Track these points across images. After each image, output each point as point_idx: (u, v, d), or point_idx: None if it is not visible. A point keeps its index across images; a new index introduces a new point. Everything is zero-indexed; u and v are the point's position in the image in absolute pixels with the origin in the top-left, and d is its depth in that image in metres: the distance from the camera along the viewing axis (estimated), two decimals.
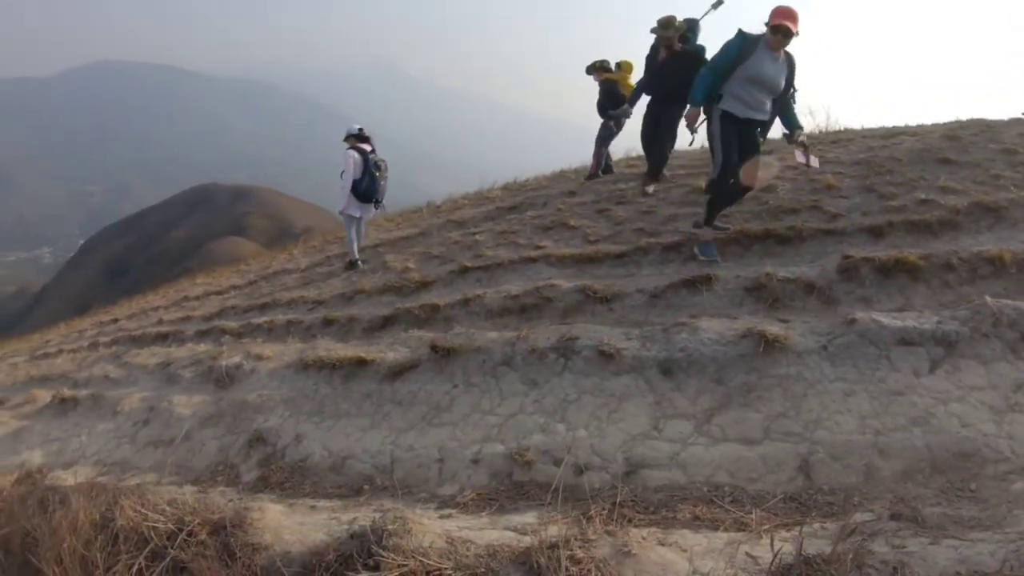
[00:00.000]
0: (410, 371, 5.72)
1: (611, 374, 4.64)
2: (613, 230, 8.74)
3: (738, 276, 5.87)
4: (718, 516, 3.23)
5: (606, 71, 13.17)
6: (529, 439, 4.48)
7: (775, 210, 7.92)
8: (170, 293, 21.23)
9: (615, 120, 12.87)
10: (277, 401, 6.38)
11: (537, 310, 6.61)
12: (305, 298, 10.35)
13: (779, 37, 6.57)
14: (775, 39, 6.61)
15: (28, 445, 8.31)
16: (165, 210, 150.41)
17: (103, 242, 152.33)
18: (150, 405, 7.65)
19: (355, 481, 4.96)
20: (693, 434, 4.02)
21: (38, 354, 16.33)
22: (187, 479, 5.87)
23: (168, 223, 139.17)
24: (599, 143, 13.65)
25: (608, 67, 13.25)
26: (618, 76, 13.11)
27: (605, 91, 13.15)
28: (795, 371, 4.17)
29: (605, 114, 13.10)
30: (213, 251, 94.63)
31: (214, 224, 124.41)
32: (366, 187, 11.39)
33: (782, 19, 6.52)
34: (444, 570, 2.60)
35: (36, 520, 4.29)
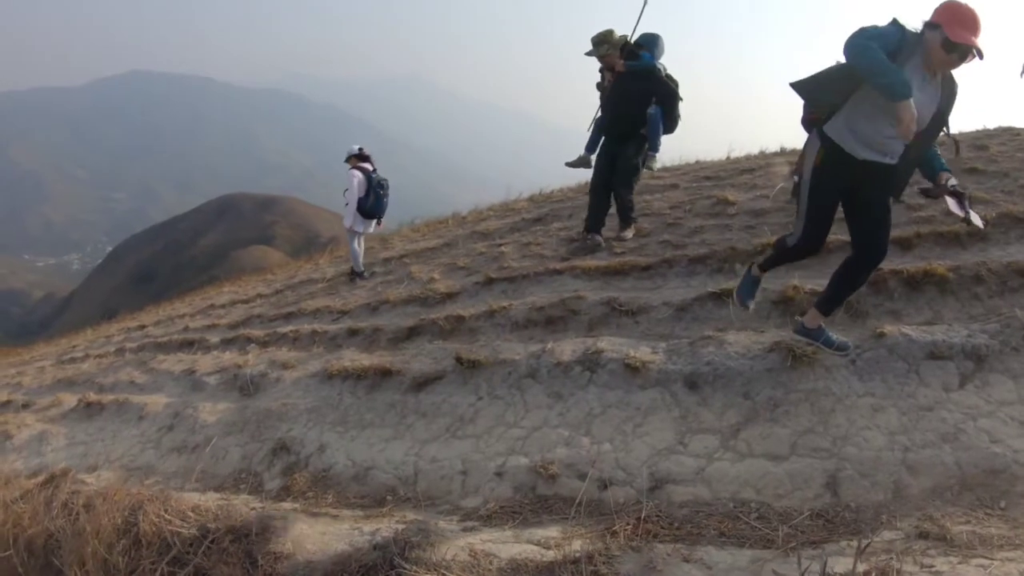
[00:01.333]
0: (434, 382, 5.72)
1: (637, 387, 4.62)
2: (639, 242, 8.69)
3: (765, 289, 5.81)
4: (744, 533, 3.20)
5: None
6: (553, 452, 4.47)
7: None
8: (196, 300, 21.34)
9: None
10: (301, 410, 6.40)
11: (562, 322, 6.58)
12: (330, 308, 10.38)
13: (953, 57, 4.01)
14: (945, 57, 4.03)
15: (53, 448, 8.40)
16: (192, 218, 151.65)
17: (131, 249, 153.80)
18: (175, 411, 7.70)
19: (378, 492, 4.95)
20: (719, 449, 3.99)
21: (65, 358, 16.47)
22: (210, 486, 5.89)
23: (195, 231, 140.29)
24: None
25: None
26: None
27: None
28: (823, 385, 4.14)
29: None
30: (239, 259, 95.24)
31: (240, 232, 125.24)
32: (371, 204, 11.83)
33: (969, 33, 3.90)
34: None
35: (60, 522, 4.34)
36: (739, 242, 7.42)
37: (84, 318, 60.93)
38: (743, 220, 8.48)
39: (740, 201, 9.37)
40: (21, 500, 5.12)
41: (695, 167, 14.91)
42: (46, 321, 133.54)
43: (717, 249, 7.34)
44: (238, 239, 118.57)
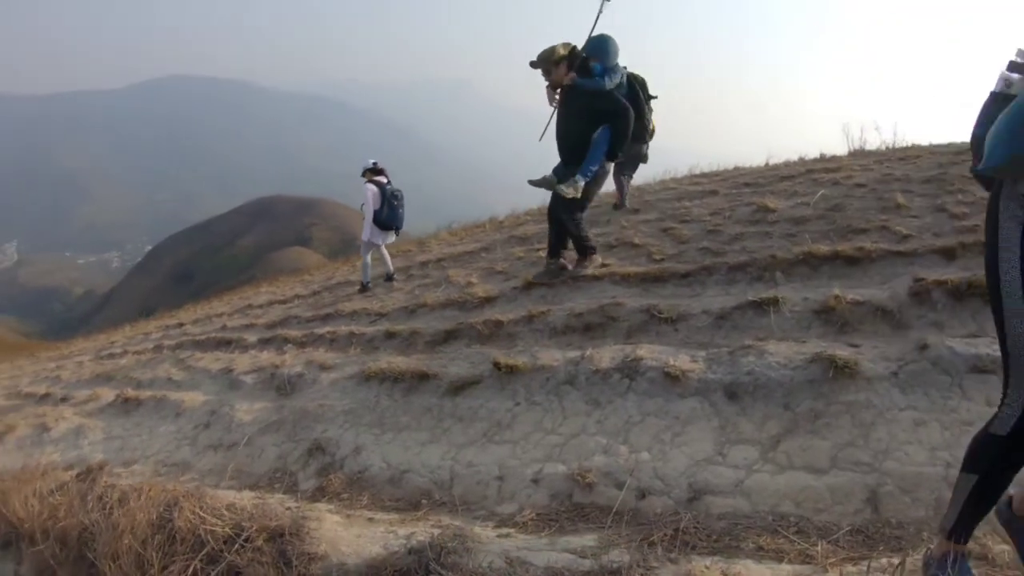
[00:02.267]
0: (472, 387, 5.73)
1: (676, 396, 4.58)
2: (678, 249, 8.64)
3: (806, 298, 5.75)
4: (783, 547, 3.16)
5: None
6: (591, 460, 4.44)
7: (844, 230, 7.74)
8: (234, 300, 21.51)
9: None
10: (338, 411, 6.45)
11: (601, 329, 6.55)
12: (367, 310, 10.41)
13: None
14: None
15: (90, 441, 8.52)
16: (231, 219, 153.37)
17: (170, 249, 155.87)
18: (211, 409, 7.80)
19: (413, 495, 4.96)
20: (758, 461, 3.94)
21: (103, 354, 16.68)
22: (245, 484, 5.95)
23: (234, 232, 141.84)
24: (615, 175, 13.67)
25: None
26: None
27: None
28: (864, 398, 4.06)
29: None
30: (277, 260, 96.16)
31: (278, 234, 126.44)
32: (386, 216, 12.16)
33: None
34: None
35: (94, 515, 4.37)
36: (780, 250, 7.33)
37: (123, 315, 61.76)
38: (784, 228, 8.40)
39: (780, 208, 9.29)
40: (57, 492, 5.18)
41: (733, 173, 14.83)
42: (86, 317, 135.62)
43: (757, 257, 7.26)
44: (276, 240, 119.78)
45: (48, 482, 5.55)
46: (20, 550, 5.17)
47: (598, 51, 7.59)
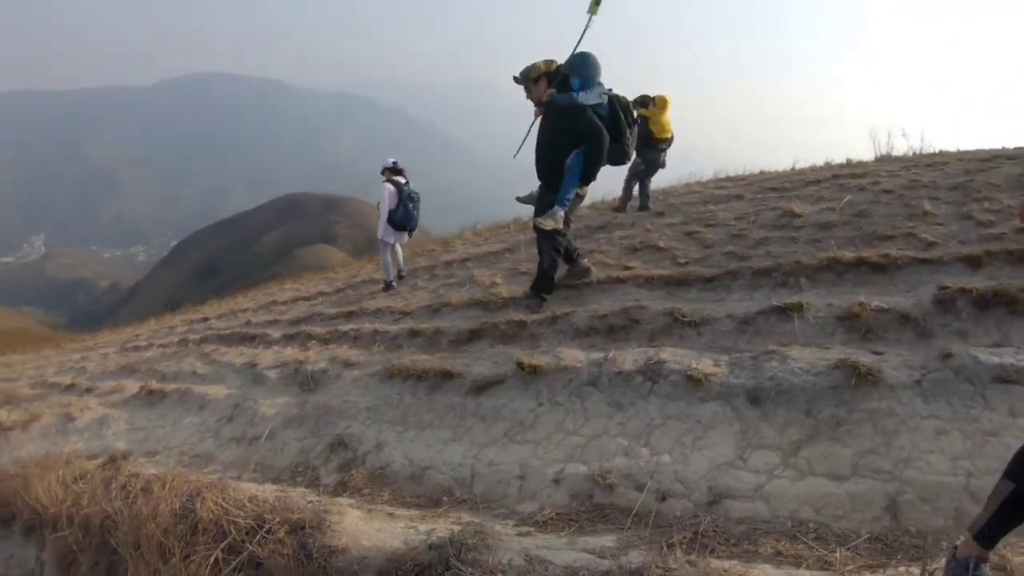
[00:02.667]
0: (495, 386, 5.76)
1: (698, 400, 4.58)
2: (703, 253, 8.63)
3: (830, 304, 5.72)
4: (801, 553, 3.16)
5: (643, 106, 13.07)
6: (612, 462, 4.46)
7: (869, 236, 7.72)
8: (259, 296, 21.64)
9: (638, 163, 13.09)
10: (360, 408, 6.50)
11: (624, 331, 6.55)
12: (391, 308, 10.45)
13: None
14: None
15: (114, 432, 8.63)
16: (257, 216, 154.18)
17: (196, 244, 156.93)
18: (235, 402, 7.89)
19: (434, 492, 5.00)
20: (779, 466, 3.94)
21: (129, 346, 16.83)
22: (267, 477, 6.02)
23: (260, 228, 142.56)
24: (627, 179, 13.90)
25: (646, 102, 13.16)
26: (650, 113, 13.04)
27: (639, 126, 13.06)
28: (887, 406, 4.04)
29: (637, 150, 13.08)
30: (302, 257, 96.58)
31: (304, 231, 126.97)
32: (400, 216, 12.36)
33: None
34: None
35: (117, 504, 4.44)
36: (805, 255, 7.31)
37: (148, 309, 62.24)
38: (809, 233, 8.37)
39: (806, 213, 9.26)
40: (80, 480, 5.27)
41: (759, 177, 14.79)
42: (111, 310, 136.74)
43: (782, 262, 7.24)
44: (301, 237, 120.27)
45: (72, 470, 5.64)
46: (43, 536, 5.27)
47: (578, 68, 7.44)
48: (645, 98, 13.18)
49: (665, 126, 13.12)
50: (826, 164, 14.97)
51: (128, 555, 3.82)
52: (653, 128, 12.98)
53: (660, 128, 13.03)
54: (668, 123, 13.16)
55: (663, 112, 13.04)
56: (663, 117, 13.05)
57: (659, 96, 13.10)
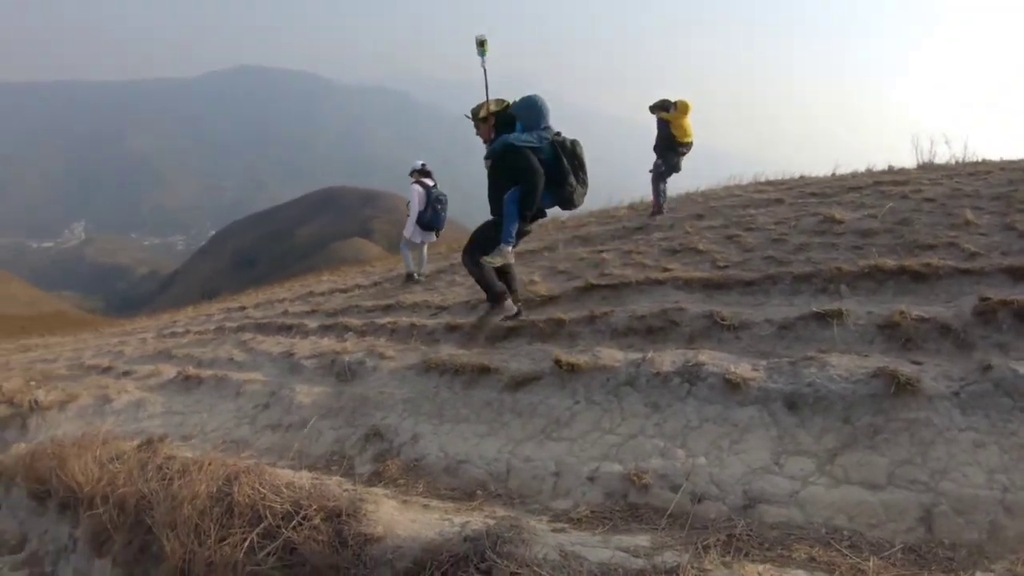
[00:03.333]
0: (532, 383, 5.77)
1: (735, 404, 4.57)
2: (742, 256, 8.62)
3: (870, 312, 5.69)
4: (834, 560, 3.14)
5: (664, 110, 13.25)
6: (648, 462, 4.46)
7: (911, 245, 7.66)
8: (296, 287, 21.79)
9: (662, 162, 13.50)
10: (397, 400, 6.56)
11: (663, 333, 6.56)
12: (429, 303, 10.52)
13: None
14: None
15: (150, 415, 8.78)
16: (295, 208, 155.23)
17: (234, 234, 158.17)
18: (271, 391, 7.97)
19: (469, 485, 5.03)
20: (815, 473, 3.93)
21: (166, 332, 17.05)
22: (303, 465, 6.06)
23: (297, 220, 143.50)
24: (653, 181, 14.07)
25: (667, 106, 13.29)
26: (671, 117, 13.18)
27: (658, 130, 13.40)
28: (924, 416, 4.00)
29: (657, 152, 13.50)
30: (338, 250, 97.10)
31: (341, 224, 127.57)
32: (429, 218, 12.69)
33: None
34: None
35: (153, 485, 4.50)
36: (845, 262, 7.27)
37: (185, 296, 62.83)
38: (850, 240, 8.33)
39: (847, 220, 9.22)
40: (116, 460, 5.35)
41: (800, 182, 14.72)
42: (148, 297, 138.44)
43: (822, 268, 7.21)
44: (338, 231, 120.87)
45: (108, 450, 5.74)
46: (77, 513, 5.36)
47: (521, 110, 7.58)
48: (666, 102, 13.33)
49: (686, 130, 13.28)
50: (868, 170, 14.86)
51: (163, 535, 3.87)
52: (675, 132, 13.20)
53: (681, 132, 13.22)
54: (689, 127, 13.31)
55: (684, 116, 13.19)
56: (684, 121, 13.20)
57: (680, 101, 13.20)
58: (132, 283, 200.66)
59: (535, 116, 7.45)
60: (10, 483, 6.90)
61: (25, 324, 57.06)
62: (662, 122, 13.37)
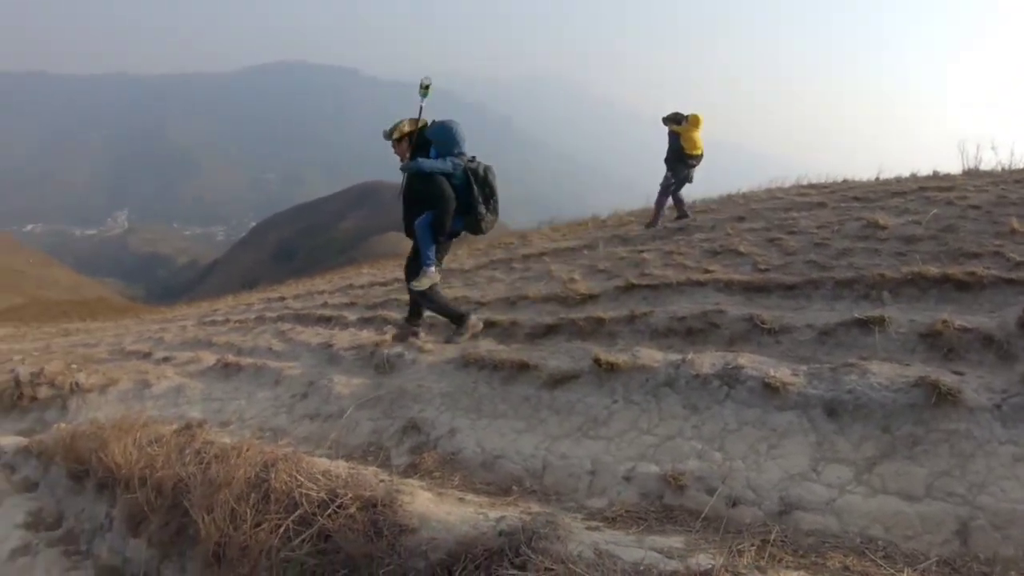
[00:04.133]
0: (570, 381, 5.78)
1: (774, 408, 4.55)
2: (784, 260, 8.59)
3: (912, 320, 5.64)
4: (868, 570, 3.10)
5: (676, 123, 13.52)
6: (685, 464, 4.46)
7: (955, 253, 7.58)
8: (335, 279, 21.94)
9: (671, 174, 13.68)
10: (435, 393, 6.59)
11: (703, 334, 6.56)
12: (468, 298, 10.56)
13: None
14: None
15: (189, 400, 8.90)
16: (335, 202, 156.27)
17: (274, 226, 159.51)
18: (310, 380, 8.05)
19: (504, 480, 5.07)
20: (852, 481, 3.90)
21: (206, 320, 17.26)
22: (340, 454, 6.07)
23: (336, 214, 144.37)
24: (660, 193, 14.23)
25: (679, 119, 13.57)
26: (682, 129, 13.43)
27: (669, 143, 13.66)
28: (964, 428, 3.93)
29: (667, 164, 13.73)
30: (376, 244, 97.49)
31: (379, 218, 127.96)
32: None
33: None
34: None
35: (191, 469, 4.55)
36: (888, 268, 7.22)
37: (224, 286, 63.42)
38: (893, 246, 8.26)
39: (891, 225, 9.13)
40: (155, 443, 5.42)
41: (843, 186, 14.59)
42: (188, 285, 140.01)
43: (865, 274, 7.15)
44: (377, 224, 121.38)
45: (148, 433, 5.81)
46: (114, 494, 5.44)
47: (435, 135, 7.70)
48: (678, 115, 13.61)
49: (696, 143, 13.51)
50: (912, 175, 14.69)
51: (199, 518, 3.91)
52: (684, 144, 13.45)
53: (691, 144, 13.46)
54: (699, 140, 13.55)
55: (695, 129, 13.46)
56: (694, 134, 13.45)
57: (692, 115, 13.50)
58: (173, 271, 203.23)
59: (449, 142, 7.60)
60: (49, 462, 7.02)
61: (67, 309, 57.90)
62: (673, 135, 13.66)
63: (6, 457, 7.99)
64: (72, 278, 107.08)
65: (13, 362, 16.38)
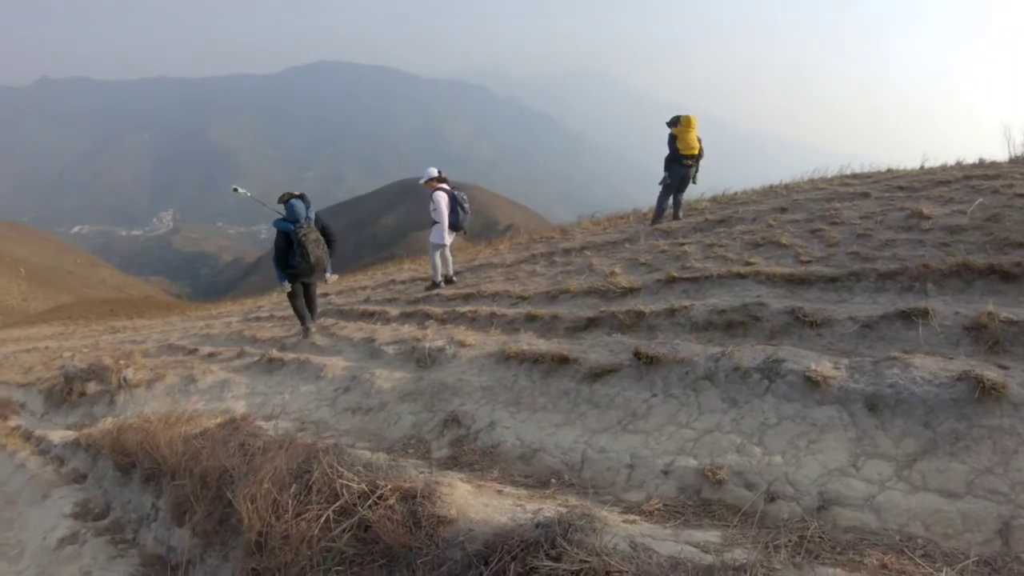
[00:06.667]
0: (610, 374, 5.79)
1: (814, 402, 4.50)
2: (826, 252, 8.50)
3: (957, 313, 5.53)
4: (906, 569, 3.03)
5: (671, 125, 14.02)
6: (723, 458, 4.44)
7: (1001, 243, 7.41)
8: (377, 275, 22.05)
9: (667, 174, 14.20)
10: (475, 387, 6.65)
11: (743, 328, 6.53)
12: (509, 292, 10.58)
13: None
14: None
15: (233, 395, 9.06)
16: (375, 199, 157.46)
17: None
18: (352, 375, 8.16)
19: (543, 473, 5.08)
20: (892, 478, 3.84)
21: (251, 316, 17.47)
22: (380, 447, 6.19)
23: (377, 211, 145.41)
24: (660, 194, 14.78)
25: (676, 121, 14.05)
26: (676, 131, 13.88)
27: (668, 144, 14.05)
28: (1008, 424, 3.85)
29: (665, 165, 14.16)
30: (417, 240, 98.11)
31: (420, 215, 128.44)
32: (459, 220, 12.86)
33: None
34: (625, 574, 2.62)
35: (235, 460, 4.63)
36: (932, 259, 7.09)
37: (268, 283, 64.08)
38: (937, 236, 8.13)
39: (935, 215, 9.00)
40: (201, 436, 5.53)
41: (887, 176, 14.40)
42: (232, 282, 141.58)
43: (908, 265, 7.04)
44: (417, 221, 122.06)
45: (193, 427, 5.95)
46: (160, 485, 5.56)
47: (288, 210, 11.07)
48: (676, 118, 14.07)
49: (691, 143, 13.89)
50: (957, 164, 14.45)
51: (242, 508, 3.97)
52: (679, 145, 13.85)
53: (686, 145, 13.84)
54: (694, 140, 13.92)
55: (689, 130, 13.85)
56: (689, 135, 13.83)
57: (685, 116, 13.96)
58: (216, 270, 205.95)
59: (293, 215, 10.94)
60: (97, 455, 7.19)
61: (114, 307, 58.87)
62: (670, 136, 14.03)
63: (56, 450, 8.19)
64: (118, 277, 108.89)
65: (63, 359, 16.74)
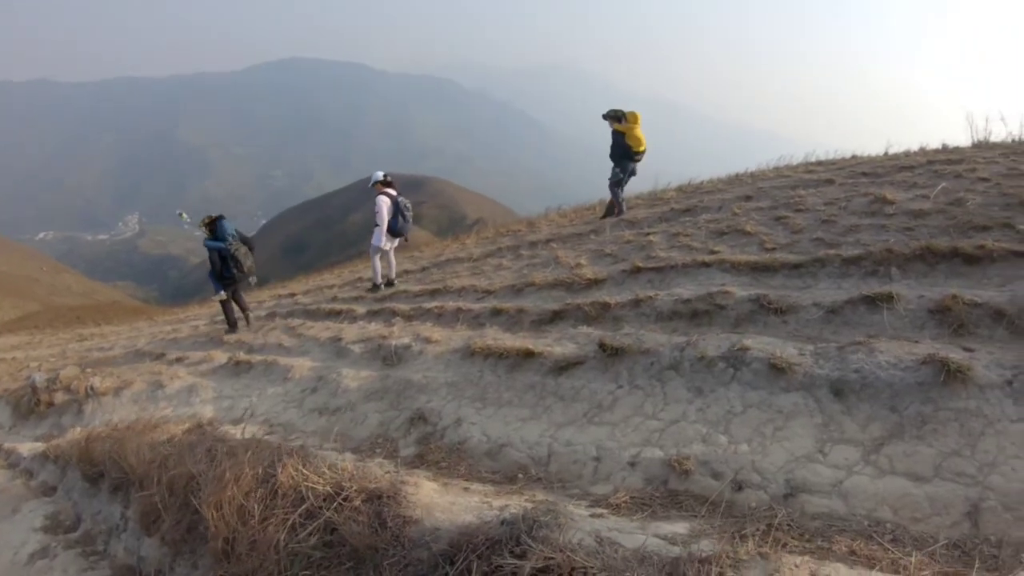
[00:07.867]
0: (575, 367, 5.78)
1: (780, 390, 4.49)
2: (790, 239, 8.51)
3: (921, 296, 5.55)
4: (875, 554, 3.04)
5: (616, 120, 13.94)
6: (689, 448, 4.42)
7: (964, 226, 7.45)
8: (345, 273, 22.04)
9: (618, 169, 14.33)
10: (441, 383, 6.62)
11: (708, 316, 6.52)
12: (475, 287, 10.57)
13: None
14: None
15: (201, 399, 9.00)
16: (343, 195, 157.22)
17: (284, 222, 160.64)
18: (319, 375, 8.12)
19: (510, 469, 5.06)
20: (859, 463, 3.83)
21: (218, 319, 17.32)
22: (347, 447, 6.18)
23: (345, 208, 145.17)
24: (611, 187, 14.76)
25: (619, 116, 13.93)
26: (624, 128, 13.87)
27: (613, 139, 14.07)
28: (974, 406, 3.85)
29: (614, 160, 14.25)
30: None
31: None
32: (397, 226, 13.09)
33: None
34: (590, 569, 2.58)
35: (201, 467, 4.58)
36: (896, 244, 7.13)
37: None
38: (901, 221, 8.17)
39: (899, 200, 9.05)
40: (168, 443, 5.46)
41: (851, 162, 14.52)
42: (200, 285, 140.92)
43: (872, 250, 7.08)
44: None
45: (160, 434, 5.89)
46: (128, 495, 5.49)
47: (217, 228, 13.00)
48: (618, 112, 13.98)
49: (640, 140, 13.94)
50: (921, 149, 14.58)
51: (210, 515, 3.92)
52: (630, 142, 13.85)
53: (636, 142, 13.88)
54: (642, 136, 13.96)
55: (635, 126, 13.83)
56: (637, 132, 13.83)
57: (630, 112, 13.91)
58: (184, 272, 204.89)
59: (222, 233, 12.90)
60: (66, 466, 7.10)
61: (81, 314, 58.29)
62: (617, 133, 13.99)
63: (24, 463, 8.10)
64: (84, 283, 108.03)
65: (29, 369, 16.56)
